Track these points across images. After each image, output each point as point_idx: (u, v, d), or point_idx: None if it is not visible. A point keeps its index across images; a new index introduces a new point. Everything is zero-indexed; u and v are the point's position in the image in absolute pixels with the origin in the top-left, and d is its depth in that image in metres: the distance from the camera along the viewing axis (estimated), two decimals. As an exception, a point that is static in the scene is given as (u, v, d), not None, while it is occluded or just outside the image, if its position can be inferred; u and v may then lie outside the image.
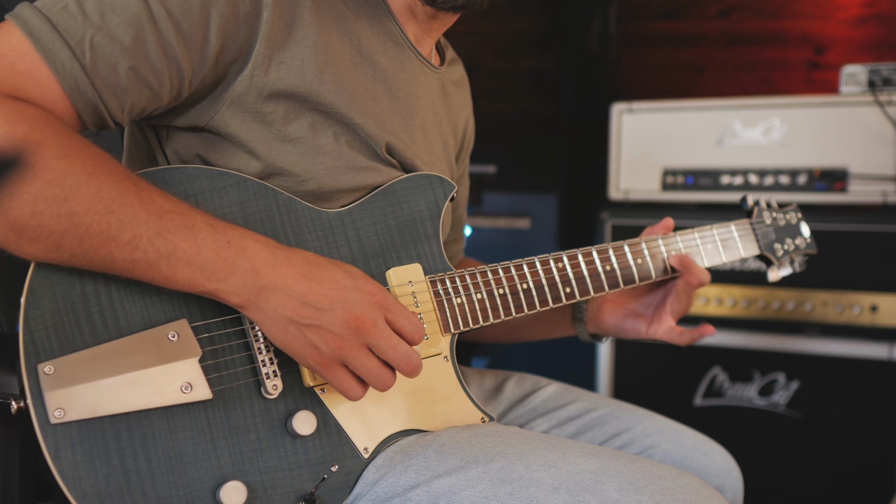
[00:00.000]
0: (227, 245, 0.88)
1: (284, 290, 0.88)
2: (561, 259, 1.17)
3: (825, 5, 3.07)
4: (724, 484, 1.24)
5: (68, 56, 0.86)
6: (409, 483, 0.95)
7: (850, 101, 2.15)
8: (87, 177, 0.83)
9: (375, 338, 0.92)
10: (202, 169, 0.98)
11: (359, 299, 0.91)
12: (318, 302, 0.89)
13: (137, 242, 0.84)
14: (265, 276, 0.88)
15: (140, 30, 0.89)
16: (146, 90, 0.92)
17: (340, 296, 0.90)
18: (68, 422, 0.83)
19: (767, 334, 2.18)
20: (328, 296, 0.90)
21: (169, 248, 0.85)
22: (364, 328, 0.91)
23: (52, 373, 0.83)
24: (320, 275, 0.91)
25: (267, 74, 0.98)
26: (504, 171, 2.89)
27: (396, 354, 0.93)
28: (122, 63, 0.89)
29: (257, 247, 0.89)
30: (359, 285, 0.92)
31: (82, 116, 0.90)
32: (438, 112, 1.24)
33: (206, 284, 0.87)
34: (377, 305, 0.92)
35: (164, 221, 0.86)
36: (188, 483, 0.87)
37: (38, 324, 0.85)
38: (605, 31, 3.26)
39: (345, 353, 0.91)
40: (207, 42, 0.93)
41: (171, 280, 0.87)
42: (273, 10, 0.97)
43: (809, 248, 1.44)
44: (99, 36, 0.87)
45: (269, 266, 0.89)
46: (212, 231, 0.88)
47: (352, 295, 0.91)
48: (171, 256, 0.85)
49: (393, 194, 1.09)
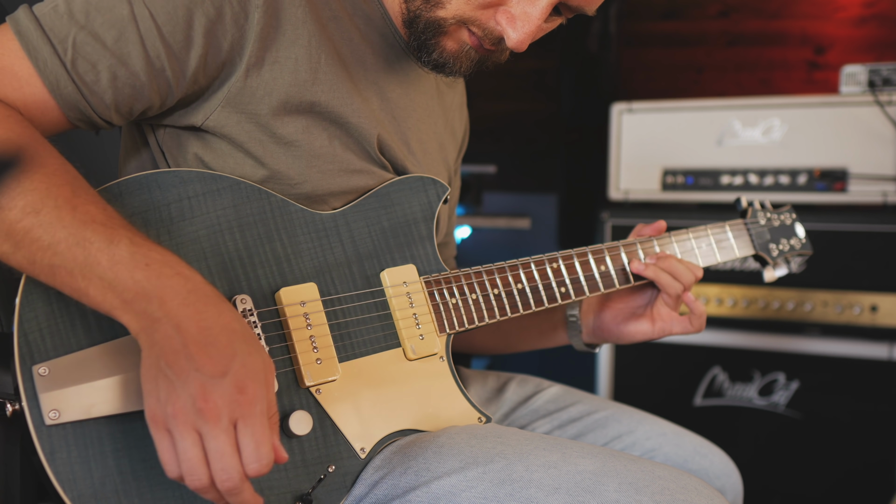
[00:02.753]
0: (145, 266, 0.81)
1: (175, 330, 0.79)
2: (556, 259, 1.17)
3: (825, 5, 3.07)
4: (724, 487, 1.24)
5: (50, 53, 0.89)
6: (409, 484, 0.95)
7: (850, 101, 2.15)
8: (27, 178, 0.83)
9: (209, 428, 0.77)
10: (195, 172, 0.98)
11: (226, 385, 0.78)
12: (196, 360, 0.78)
13: (56, 248, 0.81)
14: (168, 307, 0.80)
15: (122, 30, 0.91)
16: (129, 89, 0.93)
17: (219, 369, 0.79)
18: (63, 423, 0.83)
19: (767, 334, 2.18)
20: (211, 360, 0.79)
21: (86, 258, 0.81)
22: (206, 415, 0.77)
23: (47, 374, 0.83)
24: (215, 337, 0.80)
25: (261, 75, 0.98)
26: (504, 171, 2.89)
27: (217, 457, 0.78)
28: (102, 62, 0.91)
29: (176, 279, 0.82)
30: (247, 363, 0.81)
31: (65, 112, 0.92)
32: (433, 112, 1.24)
33: (114, 301, 0.81)
34: (238, 405, 0.79)
35: (86, 231, 0.82)
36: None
37: (32, 325, 0.85)
38: (605, 31, 3.26)
39: (174, 423, 0.78)
40: (191, 43, 0.94)
41: (84, 293, 0.82)
42: (264, 11, 0.97)
43: (805, 248, 1.44)
44: (82, 35, 0.90)
45: (178, 298, 0.81)
46: (131, 249, 0.82)
47: (234, 370, 0.79)
48: (85, 267, 0.81)
49: (386, 196, 1.09)
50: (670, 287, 1.22)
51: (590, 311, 1.31)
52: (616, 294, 1.28)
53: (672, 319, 1.25)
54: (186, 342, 0.78)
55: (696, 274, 1.24)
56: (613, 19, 3.26)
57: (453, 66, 1.08)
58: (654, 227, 1.29)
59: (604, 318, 1.30)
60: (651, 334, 1.27)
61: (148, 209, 0.93)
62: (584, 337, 1.32)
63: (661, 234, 1.29)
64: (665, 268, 1.22)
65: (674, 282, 1.22)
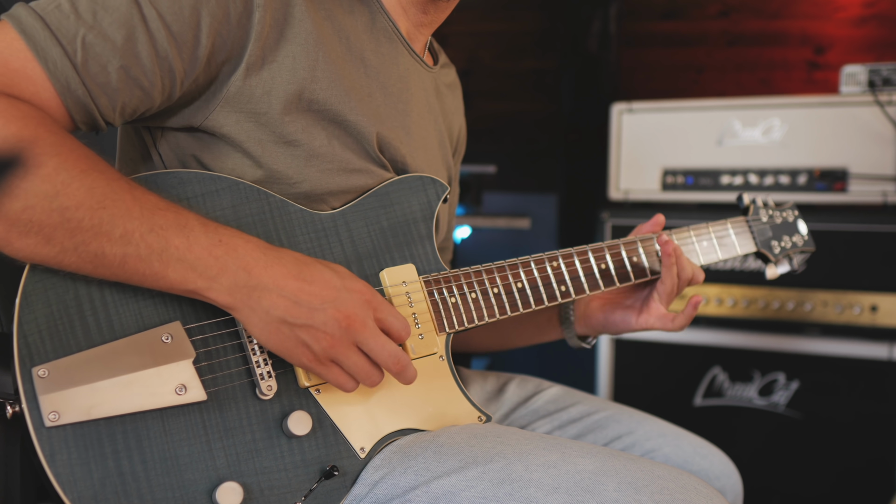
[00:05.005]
0: (219, 244, 0.88)
1: (276, 291, 0.89)
2: (556, 258, 1.17)
3: (825, 5, 3.07)
4: (723, 488, 1.24)
5: (60, 54, 0.86)
6: (409, 484, 0.95)
7: (850, 101, 2.15)
8: (80, 173, 0.83)
9: (365, 336, 0.92)
10: (194, 173, 0.98)
11: (349, 298, 0.92)
12: (310, 302, 0.89)
13: (130, 237, 0.84)
14: (257, 276, 0.88)
15: (131, 30, 0.89)
16: (137, 90, 0.92)
17: (331, 295, 0.91)
18: (63, 425, 0.83)
19: (767, 334, 2.18)
20: (319, 295, 0.90)
21: (161, 244, 0.85)
22: (354, 327, 0.91)
23: (47, 376, 0.83)
24: (311, 275, 0.91)
25: (260, 74, 0.98)
26: (504, 171, 2.89)
27: (384, 353, 0.93)
28: (112, 62, 0.89)
29: (248, 246, 0.90)
30: (348, 285, 0.93)
31: (73, 115, 0.90)
32: (433, 109, 1.24)
33: (198, 282, 0.87)
34: (367, 304, 0.93)
35: (157, 218, 0.86)
36: (184, 485, 0.87)
37: (31, 327, 0.85)
38: (605, 31, 3.26)
39: (336, 351, 0.91)
40: (198, 43, 0.93)
41: (162, 276, 0.86)
42: (265, 10, 0.97)
43: (807, 245, 1.44)
44: (91, 35, 0.87)
45: (260, 266, 0.89)
46: (204, 230, 0.88)
47: (342, 294, 0.91)
48: (163, 252, 0.85)
49: (385, 196, 1.09)
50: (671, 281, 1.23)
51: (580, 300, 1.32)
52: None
53: (656, 314, 1.26)
54: (294, 292, 0.89)
55: (698, 277, 1.25)
56: (613, 19, 3.26)
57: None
58: (653, 221, 1.29)
59: (592, 305, 1.32)
60: (634, 326, 1.28)
61: None
62: (576, 326, 1.33)
63: (660, 232, 1.29)
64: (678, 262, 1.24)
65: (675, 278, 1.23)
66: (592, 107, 3.26)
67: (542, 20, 3.45)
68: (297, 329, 0.89)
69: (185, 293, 0.89)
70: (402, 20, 1.15)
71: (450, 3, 1.16)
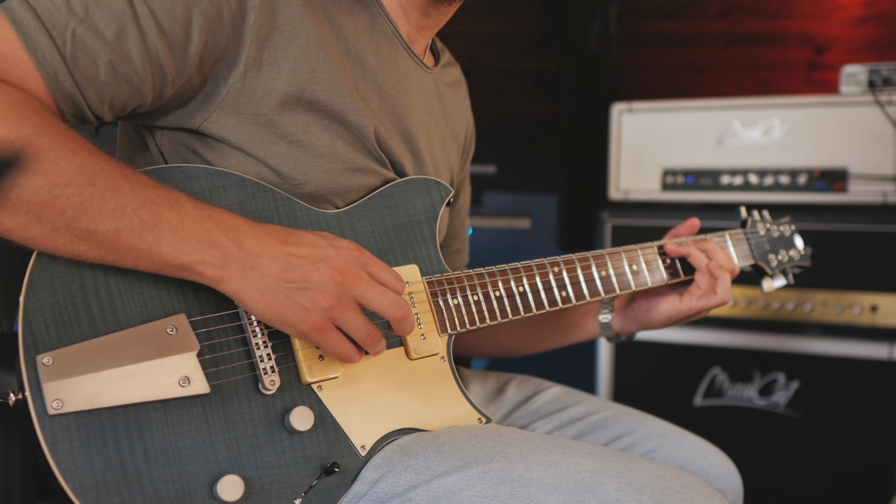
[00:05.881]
0: (209, 218, 0.88)
1: (268, 257, 0.89)
2: (557, 263, 1.17)
3: (825, 5, 3.07)
4: (724, 488, 1.24)
5: (49, 45, 0.87)
6: (409, 483, 0.95)
7: (850, 101, 2.15)
8: (68, 153, 0.83)
9: (362, 288, 0.92)
10: (201, 168, 0.98)
11: (339, 255, 0.92)
12: (302, 263, 0.90)
13: (122, 211, 0.84)
14: (248, 246, 0.89)
15: (122, 25, 0.90)
16: (126, 85, 0.92)
17: (322, 254, 0.91)
18: (66, 413, 0.83)
19: (767, 334, 2.18)
20: (310, 256, 0.91)
21: (154, 217, 0.85)
22: (350, 281, 0.91)
23: (51, 364, 0.83)
24: (297, 239, 0.92)
25: (259, 75, 0.98)
26: (504, 171, 2.89)
27: (385, 301, 0.93)
28: (102, 56, 0.89)
29: (237, 221, 0.90)
30: (335, 243, 0.94)
31: (61, 107, 0.90)
32: (433, 112, 1.24)
33: (191, 254, 0.87)
34: (356, 260, 0.94)
35: (148, 193, 0.86)
36: (185, 477, 0.87)
37: (37, 316, 0.85)
38: (605, 31, 3.26)
39: (336, 311, 0.91)
40: (190, 41, 0.94)
41: (156, 251, 0.86)
42: (261, 10, 0.97)
43: (804, 259, 1.45)
44: (81, 28, 0.88)
45: (249, 237, 0.89)
46: (194, 205, 0.89)
47: (331, 252, 0.92)
48: (155, 226, 0.85)
49: (390, 197, 1.10)
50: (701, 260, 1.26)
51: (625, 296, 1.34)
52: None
53: (701, 294, 1.27)
54: (285, 257, 0.89)
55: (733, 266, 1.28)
56: (613, 19, 3.26)
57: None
58: (688, 224, 1.32)
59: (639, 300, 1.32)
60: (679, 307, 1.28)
61: None
62: (616, 323, 1.34)
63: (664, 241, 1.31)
64: (702, 248, 1.27)
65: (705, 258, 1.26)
66: (592, 107, 3.26)
67: (542, 20, 3.45)
68: (295, 293, 0.89)
69: (178, 269, 0.88)
70: (402, 22, 1.15)
71: (451, 7, 1.16)
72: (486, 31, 3.52)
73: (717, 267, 1.25)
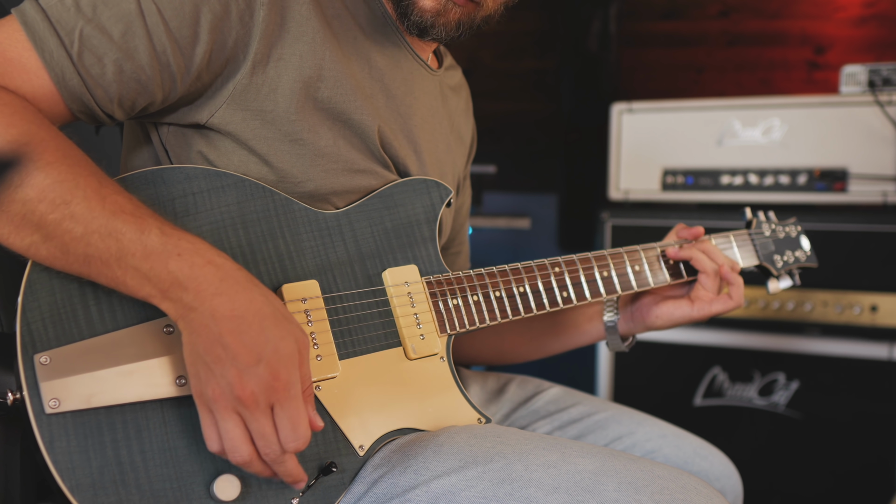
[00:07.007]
0: (177, 257, 0.84)
1: (210, 318, 0.83)
2: (558, 264, 1.17)
3: (825, 5, 3.07)
4: (724, 488, 1.24)
5: (57, 45, 0.88)
6: (409, 483, 0.95)
7: (850, 101, 2.15)
8: (45, 165, 0.83)
9: (284, 402, 0.84)
10: (200, 169, 0.98)
11: (281, 361, 0.84)
12: (244, 357, 0.82)
13: (89, 239, 0.83)
14: (201, 300, 0.83)
15: (129, 24, 0.91)
16: (134, 83, 0.93)
17: (266, 351, 0.83)
18: (63, 412, 0.83)
19: (767, 334, 2.18)
20: (255, 351, 0.83)
21: (119, 250, 0.83)
22: (279, 390, 0.83)
23: (48, 363, 0.83)
24: (249, 322, 0.84)
25: (266, 72, 0.99)
26: (504, 171, 2.88)
27: (295, 427, 0.85)
28: (108, 55, 0.90)
29: (206, 270, 0.84)
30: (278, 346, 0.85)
31: (70, 106, 0.92)
32: (437, 114, 1.24)
33: (151, 291, 0.84)
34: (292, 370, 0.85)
35: (117, 221, 0.83)
36: (182, 476, 0.87)
37: (35, 315, 0.85)
38: (605, 31, 3.26)
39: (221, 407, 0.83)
40: (198, 39, 0.94)
41: (121, 281, 0.84)
42: (269, 8, 0.98)
43: (809, 261, 1.44)
44: (89, 28, 0.90)
45: (209, 293, 0.83)
46: (163, 239, 0.84)
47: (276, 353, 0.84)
48: (120, 259, 0.83)
49: (390, 197, 1.10)
50: (706, 264, 1.25)
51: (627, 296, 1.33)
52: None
53: (712, 300, 1.26)
54: (221, 332, 0.82)
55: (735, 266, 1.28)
56: (613, 19, 3.26)
57: (437, 27, 1.06)
58: (692, 233, 1.31)
59: (643, 300, 1.31)
60: (691, 314, 1.27)
61: (152, 204, 0.93)
62: (621, 324, 1.32)
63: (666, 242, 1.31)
64: (701, 248, 1.27)
65: (709, 261, 1.25)
66: (592, 107, 3.26)
67: (542, 20, 3.45)
68: (200, 361, 0.83)
69: (145, 300, 0.86)
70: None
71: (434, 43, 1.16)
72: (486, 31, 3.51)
73: (729, 272, 1.25)
